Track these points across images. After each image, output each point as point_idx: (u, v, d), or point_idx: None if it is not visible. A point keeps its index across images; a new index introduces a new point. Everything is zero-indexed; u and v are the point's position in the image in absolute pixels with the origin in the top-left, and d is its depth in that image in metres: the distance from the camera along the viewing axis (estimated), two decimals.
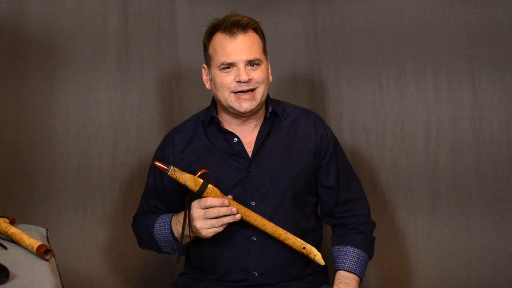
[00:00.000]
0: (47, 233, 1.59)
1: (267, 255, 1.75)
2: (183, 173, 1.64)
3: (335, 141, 1.90)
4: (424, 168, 2.18)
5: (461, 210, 2.12)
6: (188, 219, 1.68)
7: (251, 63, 1.73)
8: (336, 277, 1.77)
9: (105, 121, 2.22)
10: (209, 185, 1.65)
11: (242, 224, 1.71)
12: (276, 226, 1.69)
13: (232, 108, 1.75)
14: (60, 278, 1.38)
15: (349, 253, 1.79)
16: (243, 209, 1.68)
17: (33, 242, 1.40)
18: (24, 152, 2.06)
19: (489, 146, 2.04)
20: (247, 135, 1.81)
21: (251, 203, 1.75)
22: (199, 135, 1.83)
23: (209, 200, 1.64)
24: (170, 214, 1.81)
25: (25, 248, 1.42)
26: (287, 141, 1.82)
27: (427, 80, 2.16)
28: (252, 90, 1.73)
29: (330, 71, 2.38)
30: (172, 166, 1.63)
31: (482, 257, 2.06)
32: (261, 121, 1.83)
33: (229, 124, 1.82)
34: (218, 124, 1.81)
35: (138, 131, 2.28)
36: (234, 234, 1.75)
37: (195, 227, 1.66)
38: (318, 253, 1.75)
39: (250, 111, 1.75)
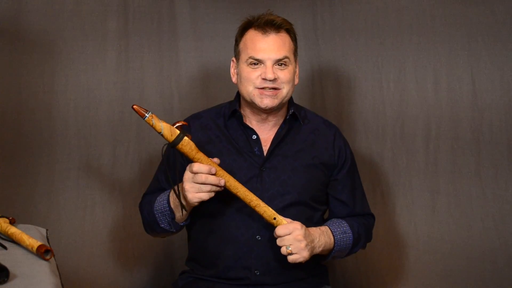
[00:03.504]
0: (47, 233, 1.59)
1: (270, 255, 1.75)
2: (160, 121, 1.59)
3: (352, 157, 1.92)
4: (424, 168, 2.19)
5: (461, 210, 2.12)
6: (176, 184, 1.66)
7: (279, 62, 1.74)
8: (320, 226, 1.77)
9: (105, 121, 2.21)
10: (185, 138, 1.60)
11: (248, 222, 1.70)
12: (249, 191, 1.65)
13: (254, 103, 1.76)
14: (60, 278, 1.38)
15: (342, 226, 1.81)
16: (227, 177, 1.64)
17: (33, 242, 1.40)
18: (24, 152, 2.06)
19: (489, 146, 2.04)
20: (265, 133, 1.83)
21: None
22: (218, 126, 1.84)
23: (195, 166, 1.61)
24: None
25: (25, 248, 1.42)
26: (304, 147, 1.83)
27: (427, 80, 2.16)
28: (276, 88, 1.74)
29: (330, 71, 2.38)
30: (150, 112, 1.58)
31: (482, 257, 2.06)
32: (280, 121, 1.84)
33: (249, 119, 1.83)
34: (239, 118, 1.82)
35: (138, 131, 2.28)
36: (238, 232, 1.75)
37: (184, 189, 1.64)
38: None
39: (270, 108, 1.76)
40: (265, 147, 1.81)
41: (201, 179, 1.61)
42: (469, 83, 2.06)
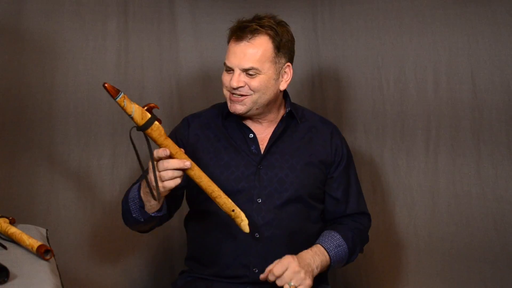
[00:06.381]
0: (47, 233, 1.59)
1: (269, 253, 1.75)
2: (132, 103, 1.46)
3: (349, 155, 1.92)
4: (424, 168, 2.19)
5: (461, 210, 2.12)
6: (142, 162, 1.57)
7: (247, 71, 1.72)
8: (312, 247, 1.76)
9: (105, 121, 2.21)
10: (155, 122, 1.49)
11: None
12: (212, 182, 1.56)
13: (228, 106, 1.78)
14: (60, 278, 1.38)
15: (335, 239, 1.80)
16: (192, 164, 1.53)
17: (33, 242, 1.40)
18: (24, 152, 2.06)
19: (489, 146, 2.04)
20: (262, 131, 1.83)
21: (257, 200, 1.76)
22: (216, 125, 1.85)
23: (155, 152, 1.52)
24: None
25: (25, 248, 1.42)
26: (301, 144, 1.84)
27: (427, 80, 2.16)
28: (243, 95, 1.74)
29: (330, 71, 2.38)
30: (122, 93, 1.43)
31: (482, 257, 2.06)
32: (277, 120, 1.84)
33: (245, 119, 1.83)
34: (237, 117, 1.82)
35: (138, 131, 2.27)
36: (237, 229, 1.75)
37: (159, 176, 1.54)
38: (246, 219, 1.61)
39: (240, 114, 1.77)
40: (263, 145, 1.82)
41: (163, 166, 1.52)
42: (469, 83, 2.06)
